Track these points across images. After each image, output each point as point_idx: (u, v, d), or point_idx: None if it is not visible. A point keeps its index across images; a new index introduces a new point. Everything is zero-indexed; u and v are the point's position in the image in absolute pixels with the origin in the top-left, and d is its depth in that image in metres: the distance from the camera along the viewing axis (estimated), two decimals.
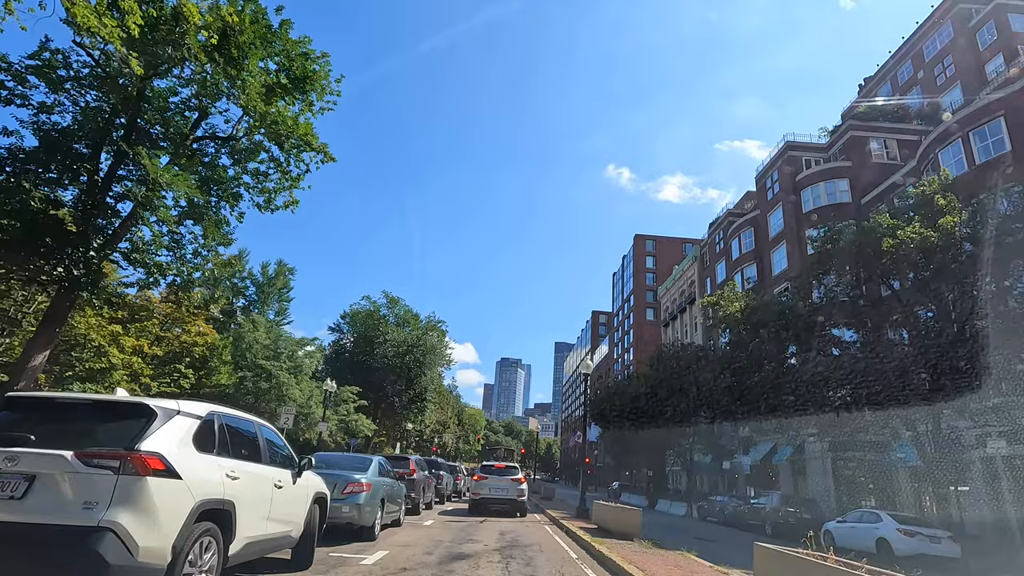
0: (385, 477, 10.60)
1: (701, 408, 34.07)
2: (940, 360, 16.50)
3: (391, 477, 11.34)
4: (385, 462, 11.42)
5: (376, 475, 9.93)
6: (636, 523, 10.84)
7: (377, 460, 10.46)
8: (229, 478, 4.60)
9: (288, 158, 20.85)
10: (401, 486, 12.23)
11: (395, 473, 12.24)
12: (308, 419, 32.14)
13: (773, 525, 21.33)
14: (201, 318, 29.12)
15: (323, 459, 10.44)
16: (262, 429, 5.75)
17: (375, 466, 10.10)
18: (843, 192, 35.56)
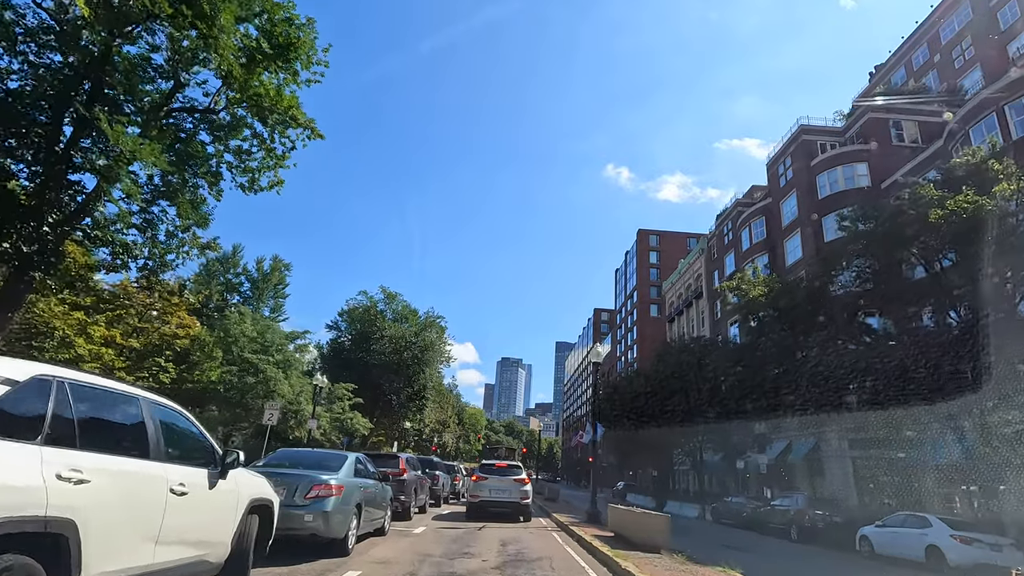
0: (363, 478, 8.83)
1: (713, 404, 32.36)
2: (984, 346, 14.76)
3: (373, 478, 9.57)
4: (366, 460, 9.65)
5: (350, 475, 8.16)
6: (663, 531, 9.05)
7: (353, 458, 8.68)
8: (66, 482, 2.84)
9: (272, 134, 19.18)
10: (386, 489, 10.47)
11: (380, 473, 10.46)
12: (298, 416, 30.38)
13: (799, 529, 19.54)
14: (183, 308, 27.35)
15: (287, 456, 8.70)
16: (155, 408, 3.98)
17: (349, 465, 8.32)
18: (862, 176, 33.77)
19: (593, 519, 14.53)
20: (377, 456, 14.15)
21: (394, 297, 48.78)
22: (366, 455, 12.63)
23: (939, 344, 15.99)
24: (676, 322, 62.38)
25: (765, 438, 31.35)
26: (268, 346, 29.64)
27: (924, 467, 23.16)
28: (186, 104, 18.09)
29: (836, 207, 33.95)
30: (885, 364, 17.68)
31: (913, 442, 21.88)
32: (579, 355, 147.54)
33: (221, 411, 29.46)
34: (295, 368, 31.14)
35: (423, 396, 48.94)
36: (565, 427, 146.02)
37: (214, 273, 43.27)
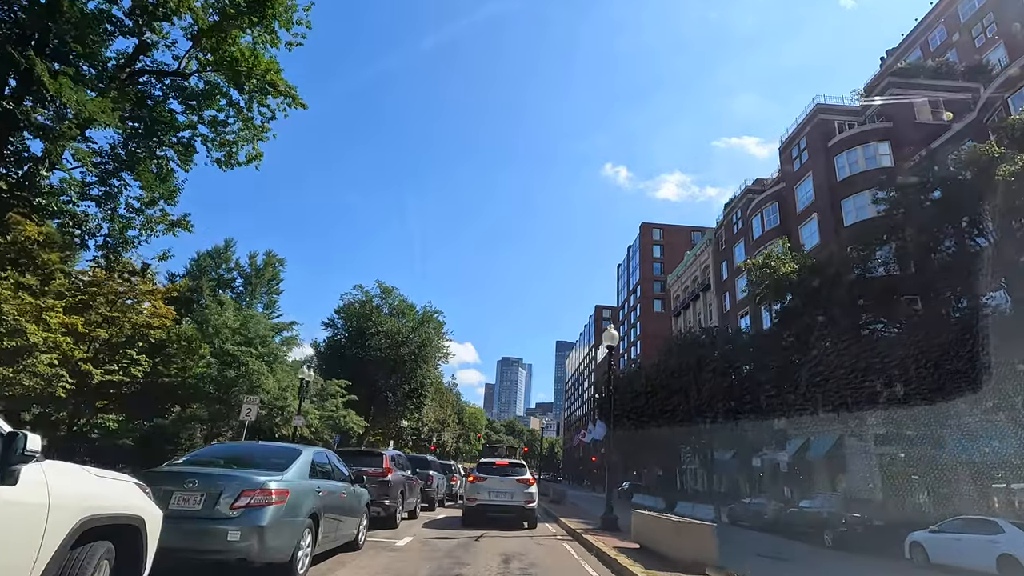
0: (324, 479, 6.82)
1: (726, 399, 30.41)
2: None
3: (340, 479, 7.55)
4: (330, 457, 7.61)
5: (302, 476, 6.16)
6: (708, 546, 7.01)
7: (309, 454, 6.65)
8: None
9: (250, 102, 17.21)
10: (360, 492, 8.46)
11: (352, 473, 8.46)
12: (284, 413, 28.35)
13: (834, 533, 17.54)
14: (159, 296, 25.31)
15: (220, 451, 6.72)
16: None
17: (302, 462, 6.31)
18: (884, 156, 31.80)
19: (609, 526, 12.55)
20: (354, 453, 12.19)
21: (390, 292, 46.80)
22: (338, 452, 10.64)
23: (982, 328, 14.05)
24: (682, 316, 60.41)
25: (784, 434, 29.33)
26: (251, 338, 27.61)
27: (958, 464, 21.23)
28: (153, 67, 16.18)
29: (856, 190, 32.05)
30: (925, 351, 15.74)
31: (947, 437, 19.95)
32: (579, 354, 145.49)
33: (200, 408, 27.46)
34: (281, 362, 29.10)
35: (421, 393, 47.00)
36: (566, 426, 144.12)
37: (205, 268, 41.44)
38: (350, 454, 12.10)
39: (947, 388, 16.20)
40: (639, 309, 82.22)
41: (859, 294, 15.33)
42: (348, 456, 12.00)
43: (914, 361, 16.06)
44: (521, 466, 13.89)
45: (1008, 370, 15.66)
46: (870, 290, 15.25)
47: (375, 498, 11.13)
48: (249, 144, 17.32)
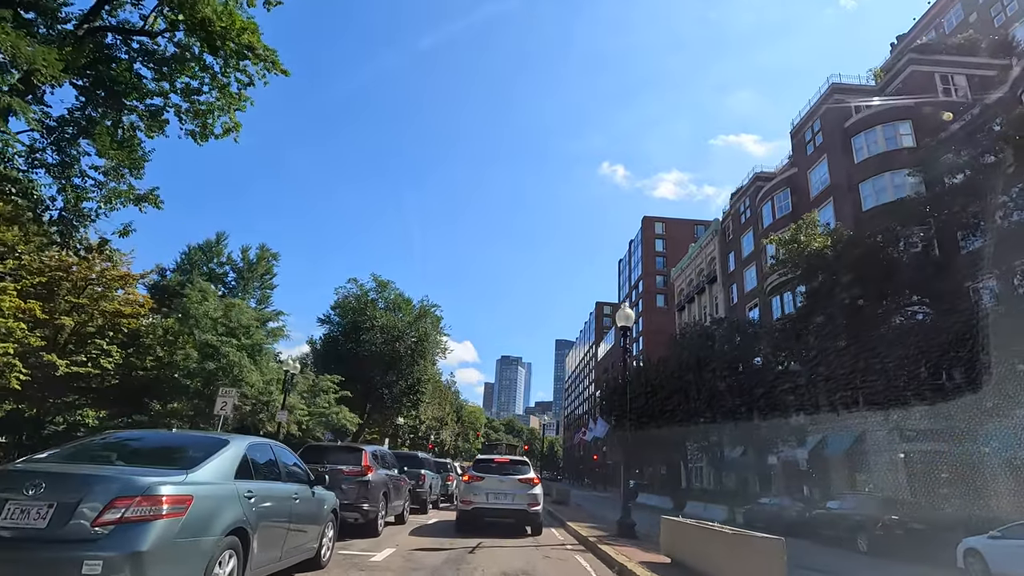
0: (263, 481, 5.05)
1: (739, 393, 28.72)
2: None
3: (290, 479, 5.78)
4: (277, 451, 5.80)
5: (222, 476, 4.39)
6: (777, 567, 5.22)
7: (240, 446, 4.87)
8: None
9: (225, 67, 15.34)
10: (322, 496, 6.70)
11: (315, 473, 6.71)
12: (269, 408, 26.59)
13: (870, 538, 15.79)
14: (132, 282, 23.58)
15: (111, 444, 4.91)
16: None
17: (224, 458, 4.53)
18: (905, 136, 30.03)
19: (626, 532, 10.81)
20: (326, 449, 10.46)
21: (386, 285, 45.04)
22: (307, 446, 8.88)
23: None
24: (686, 310, 58.65)
25: (803, 430, 27.60)
26: (234, 328, 25.83)
27: (995, 462, 19.51)
28: (117, 25, 14.42)
29: (875, 171, 30.32)
30: (970, 336, 14.02)
31: (982, 433, 18.25)
32: (579, 352, 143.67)
33: (181, 404, 25.67)
34: (266, 354, 27.32)
35: (418, 390, 45.26)
36: (566, 425, 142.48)
37: (196, 262, 39.74)
38: (320, 450, 10.36)
39: (984, 380, 14.54)
40: (641, 304, 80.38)
41: (905, 272, 13.58)
42: (318, 452, 10.26)
43: (957, 347, 14.35)
44: (523, 463, 12.15)
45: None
46: (916, 268, 13.49)
47: (352, 501, 9.41)
48: (225, 115, 15.52)
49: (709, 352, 30.50)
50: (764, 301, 40.23)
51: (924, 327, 14.85)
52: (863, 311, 14.49)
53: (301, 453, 10.16)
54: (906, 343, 15.07)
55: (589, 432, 76.09)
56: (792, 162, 39.04)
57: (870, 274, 13.72)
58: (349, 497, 9.39)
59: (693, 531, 6.69)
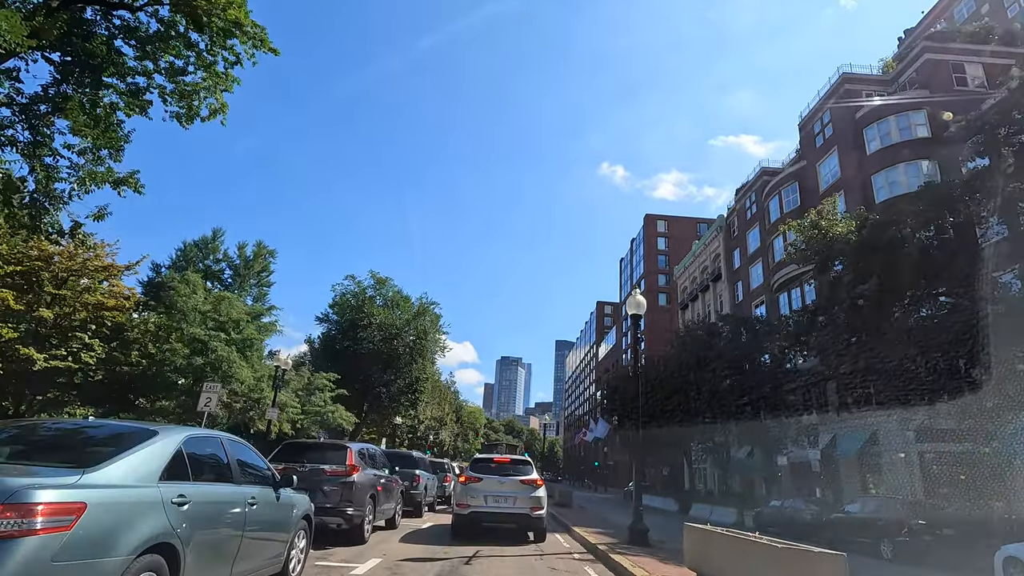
0: (204, 483, 4.04)
1: (747, 391, 27.73)
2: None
3: (246, 480, 4.76)
4: (227, 445, 4.75)
5: (140, 477, 3.39)
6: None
7: (172, 439, 3.85)
8: None
9: (211, 45, 14.33)
10: (290, 500, 5.69)
11: (287, 473, 5.72)
12: (260, 405, 25.62)
13: (895, 544, 14.80)
14: (116, 274, 22.54)
15: (7, 435, 3.89)
16: None
17: (145, 454, 3.51)
18: (920, 126, 29.05)
19: (639, 539, 9.82)
20: (305, 446, 9.47)
21: (384, 282, 44.00)
22: (285, 444, 7.88)
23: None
24: (689, 308, 57.61)
25: (815, 430, 26.60)
26: (224, 322, 24.84)
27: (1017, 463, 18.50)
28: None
29: (889, 163, 29.34)
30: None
31: (1007, 433, 17.24)
32: (580, 353, 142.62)
33: (169, 400, 24.69)
34: (258, 350, 26.33)
35: (416, 389, 44.24)
36: (566, 426, 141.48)
37: (192, 259, 38.81)
38: (300, 447, 9.37)
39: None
40: None
41: (936, 259, 12.54)
42: (298, 450, 9.27)
43: (986, 342, 13.36)
44: (525, 463, 11.15)
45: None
46: (950, 254, 12.45)
47: (334, 505, 8.42)
48: (212, 96, 14.52)
49: (715, 349, 29.50)
50: (771, 298, 39.23)
51: (950, 319, 13.84)
52: (888, 301, 13.49)
53: (279, 451, 9.17)
54: (930, 336, 14.09)
55: (590, 433, 75.07)
56: (800, 155, 38.05)
57: (899, 261, 12.71)
58: (331, 500, 8.42)
59: (727, 543, 5.66)
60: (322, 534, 8.65)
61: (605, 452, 79.24)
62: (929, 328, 14.25)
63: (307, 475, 8.54)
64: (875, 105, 30.82)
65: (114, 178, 13.86)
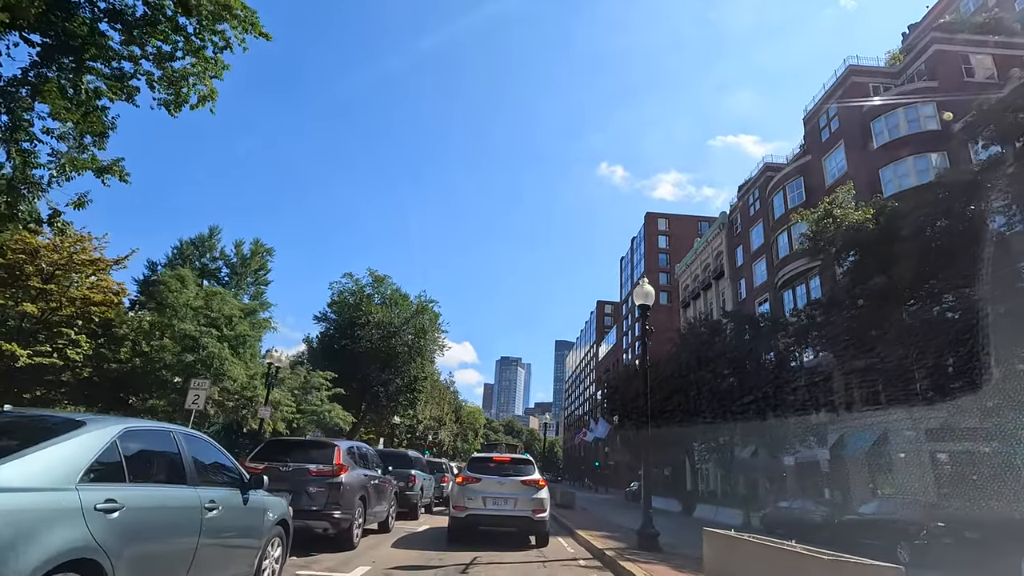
0: (143, 484, 3.38)
1: (753, 389, 27.10)
2: None
3: (196, 482, 4.06)
4: (182, 442, 4.03)
5: (56, 480, 2.72)
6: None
7: (101, 432, 3.18)
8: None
9: (200, 29, 13.56)
10: (262, 504, 5.03)
11: (266, 474, 5.07)
12: (254, 403, 24.93)
13: (912, 548, 14.15)
14: (104, 267, 21.87)
15: None
16: None
17: (62, 450, 2.85)
18: (929, 118, 28.42)
19: (649, 544, 9.16)
20: (289, 445, 8.84)
21: (382, 280, 43.29)
22: (267, 442, 7.13)
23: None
24: (691, 307, 56.99)
25: (824, 429, 25.94)
26: (216, 318, 24.16)
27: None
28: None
29: (897, 156, 28.72)
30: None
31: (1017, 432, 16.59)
32: (580, 353, 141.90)
33: (160, 399, 24.00)
34: (251, 347, 25.64)
35: (414, 388, 43.53)
36: (566, 426, 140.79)
37: (188, 257, 38.15)
38: (284, 446, 8.72)
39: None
40: None
41: (959, 249, 11.83)
42: (282, 448, 8.63)
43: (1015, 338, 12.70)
44: (526, 463, 10.48)
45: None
46: (973, 242, 11.72)
47: (320, 507, 7.77)
48: (201, 82, 13.83)
49: (719, 346, 28.85)
50: (775, 295, 38.60)
51: (970, 312, 13.18)
52: (907, 292, 12.84)
53: (261, 449, 8.51)
54: (948, 329, 13.44)
55: (590, 433, 74.42)
56: (805, 150, 37.42)
57: (919, 249, 12.05)
58: (317, 502, 7.77)
59: (758, 552, 4.96)
60: (307, 539, 8.00)
61: (606, 452, 78.58)
62: (948, 321, 13.60)
63: (291, 475, 7.91)
64: (883, 97, 30.19)
65: (98, 165, 13.17)
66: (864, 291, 13.39)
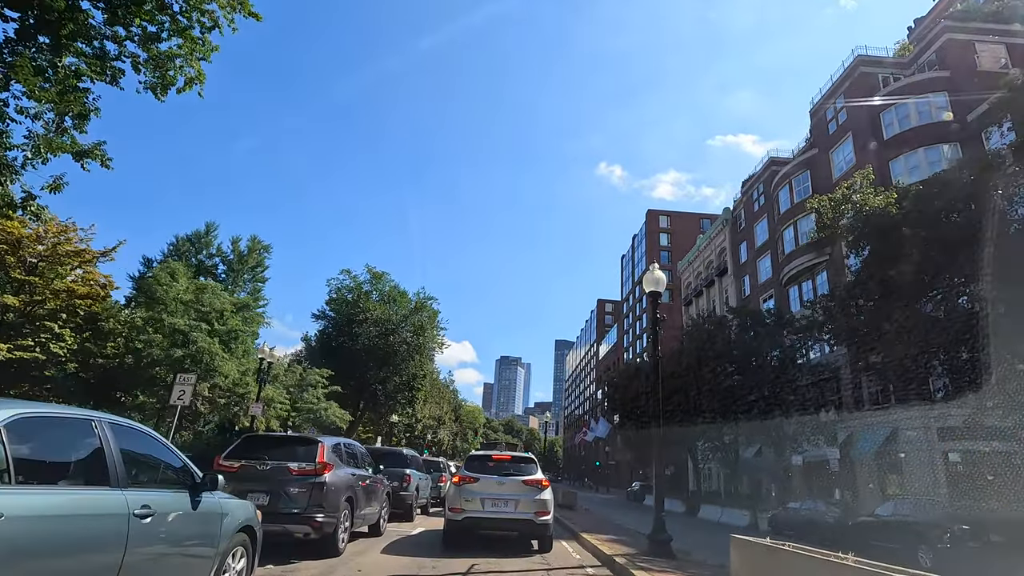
0: (37, 487, 2.62)
1: (760, 386, 26.39)
2: None
3: (122, 483, 3.27)
4: (110, 430, 3.28)
5: None
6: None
7: None
8: None
9: (187, 8, 12.76)
10: (207, 512, 4.24)
11: (197, 472, 4.32)
12: (245, 400, 24.20)
13: (934, 552, 13.41)
14: (90, 259, 21.08)
15: None
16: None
17: None
18: (940, 109, 27.67)
19: (661, 551, 8.42)
20: (268, 440, 8.13)
21: (380, 276, 42.54)
22: (244, 437, 6.36)
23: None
24: (694, 304, 56.23)
25: (834, 427, 25.20)
26: (207, 313, 23.39)
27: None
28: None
29: (908, 147, 27.97)
30: None
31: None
32: (580, 352, 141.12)
33: (149, 396, 23.24)
34: (243, 342, 24.88)
35: (413, 386, 42.80)
36: (566, 425, 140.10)
37: (184, 253, 37.39)
38: (262, 442, 7.96)
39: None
40: (645, 300, 78.03)
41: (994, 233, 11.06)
42: (260, 444, 7.89)
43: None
44: (528, 461, 9.74)
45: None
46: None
47: (301, 510, 7.04)
48: (188, 65, 13.05)
49: (721, 344, 28.09)
50: (780, 292, 37.86)
51: (996, 304, 12.43)
52: (931, 280, 12.08)
53: (236, 446, 7.76)
54: (972, 322, 12.70)
55: (590, 432, 73.70)
56: (811, 143, 36.66)
57: (947, 235, 11.29)
58: (298, 504, 7.03)
59: (802, 564, 4.21)
60: (287, 545, 7.26)
61: (607, 452, 77.85)
62: (971, 313, 12.84)
63: (269, 474, 7.17)
64: (892, 88, 29.44)
65: (77, 149, 12.39)
66: (884, 280, 12.64)
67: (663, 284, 10.02)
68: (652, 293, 9.92)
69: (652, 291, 9.95)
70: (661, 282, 9.97)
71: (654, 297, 9.90)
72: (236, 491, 7.13)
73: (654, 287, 9.94)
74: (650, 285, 10.00)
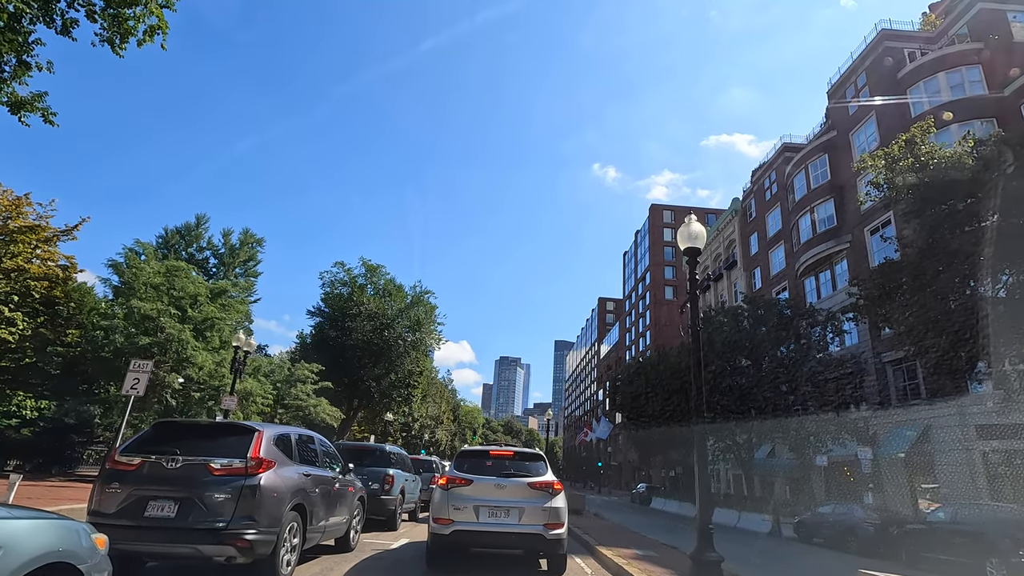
0: None
1: (778, 382, 24.45)
2: None
3: None
4: None
5: None
6: None
7: None
8: None
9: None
10: (23, 533, 2.15)
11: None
12: (222, 393, 22.13)
13: (1008, 568, 11.38)
14: (48, 235, 19.04)
15: None
16: None
17: None
18: (974, 83, 25.73)
19: (707, 572, 6.42)
20: (183, 428, 6.10)
21: (376, 269, 40.54)
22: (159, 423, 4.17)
23: None
24: (701, 299, 54.23)
25: (866, 425, 23.19)
26: (180, 298, 21.37)
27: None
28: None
29: (938, 126, 25.99)
30: None
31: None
32: (580, 352, 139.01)
33: (116, 388, 21.19)
34: (219, 332, 22.81)
35: (409, 384, 40.71)
36: (566, 426, 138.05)
37: (174, 246, 35.38)
38: (176, 430, 5.86)
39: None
40: (648, 297, 75.93)
41: None
42: (171, 432, 5.85)
43: None
44: (535, 458, 7.75)
45: None
46: None
47: (225, 524, 5.02)
48: (150, 12, 11.03)
49: (740, 337, 26.07)
50: (795, 283, 35.91)
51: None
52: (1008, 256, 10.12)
53: (143, 436, 5.73)
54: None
55: (591, 433, 71.68)
56: (829, 125, 34.66)
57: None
58: (219, 516, 5.01)
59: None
60: (206, 572, 5.27)
61: (609, 452, 75.77)
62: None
63: (180, 474, 5.14)
64: (920, 62, 27.48)
65: (15, 99, 10.32)
66: (952, 251, 10.64)
67: (702, 239, 8.05)
68: (689, 249, 7.95)
69: (689, 247, 7.98)
70: (700, 237, 8.01)
71: (692, 254, 7.93)
72: (134, 497, 5.14)
73: (691, 242, 7.98)
74: (686, 241, 8.04)
